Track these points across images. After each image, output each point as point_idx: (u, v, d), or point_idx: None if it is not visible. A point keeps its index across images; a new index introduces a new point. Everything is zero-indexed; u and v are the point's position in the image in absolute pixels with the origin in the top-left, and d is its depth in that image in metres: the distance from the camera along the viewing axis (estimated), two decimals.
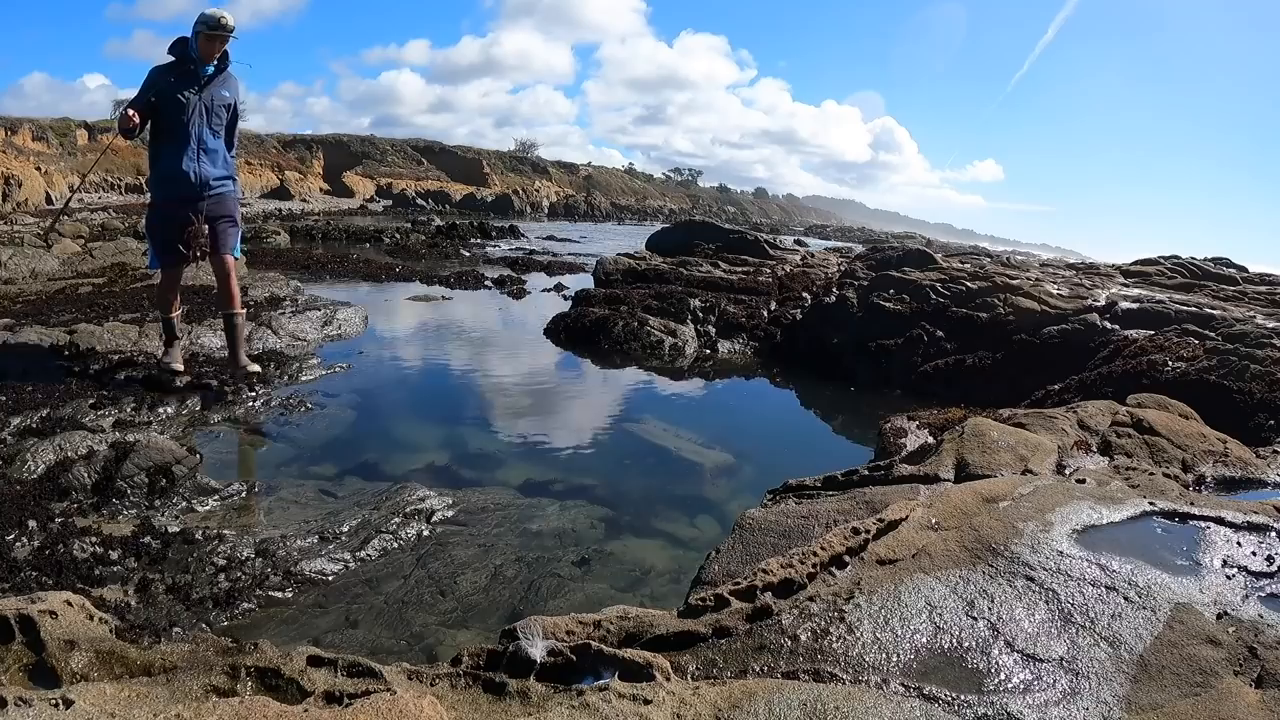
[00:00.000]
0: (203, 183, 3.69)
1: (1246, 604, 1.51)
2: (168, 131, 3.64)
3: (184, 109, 3.60)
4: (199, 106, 3.65)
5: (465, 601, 2.13)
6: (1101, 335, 4.90)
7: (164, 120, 3.63)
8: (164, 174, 3.69)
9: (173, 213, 3.69)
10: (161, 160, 3.68)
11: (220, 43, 3.65)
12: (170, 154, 3.65)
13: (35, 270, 6.78)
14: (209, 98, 3.67)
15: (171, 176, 3.66)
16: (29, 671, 1.16)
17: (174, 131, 3.62)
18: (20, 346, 3.89)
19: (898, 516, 1.79)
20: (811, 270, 8.38)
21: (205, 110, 3.67)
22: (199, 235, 3.73)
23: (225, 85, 3.75)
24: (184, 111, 3.60)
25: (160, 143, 3.68)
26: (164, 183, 3.71)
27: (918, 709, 1.19)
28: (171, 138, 3.64)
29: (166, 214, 3.72)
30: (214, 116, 3.70)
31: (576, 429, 3.89)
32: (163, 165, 3.68)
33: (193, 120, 3.63)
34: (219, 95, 3.71)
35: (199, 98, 3.64)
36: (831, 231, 41.39)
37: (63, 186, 21.93)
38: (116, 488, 2.51)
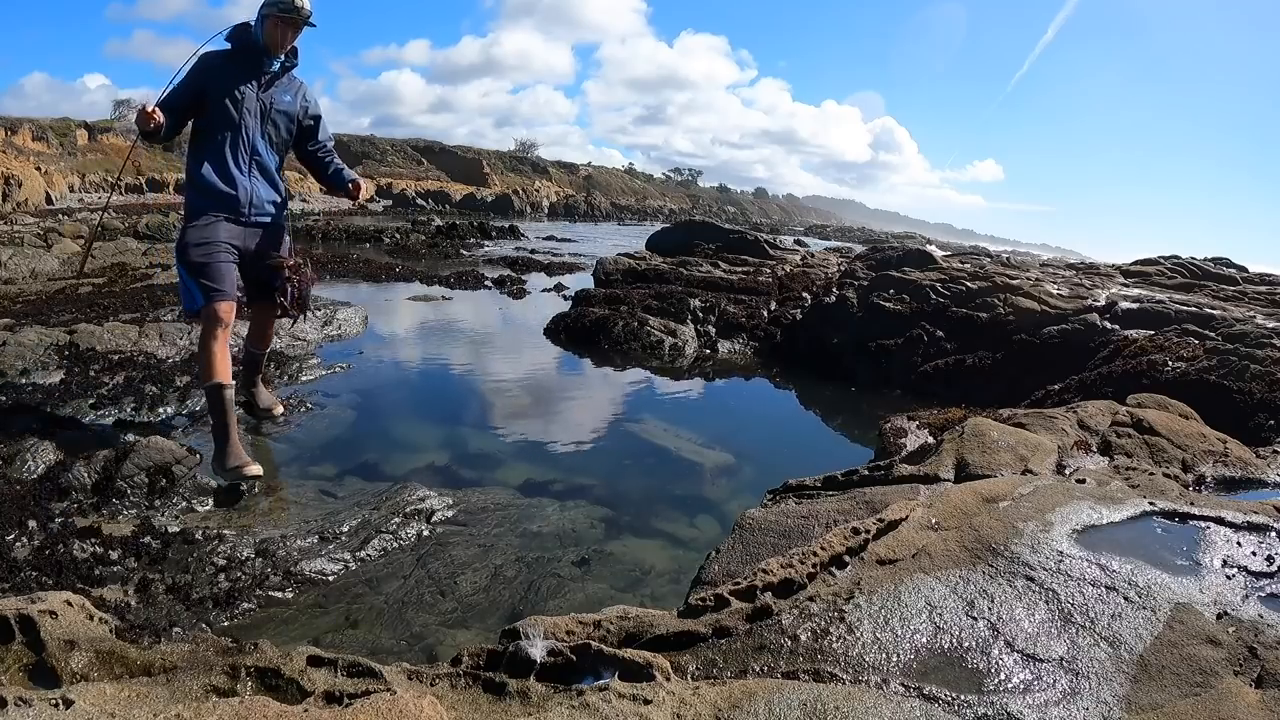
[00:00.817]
0: (252, 205, 3.00)
1: (1246, 604, 1.51)
2: (215, 134, 2.95)
3: (239, 106, 2.94)
4: (256, 107, 2.99)
5: (465, 601, 2.13)
6: (1101, 335, 4.90)
7: (212, 119, 2.94)
8: (206, 186, 2.95)
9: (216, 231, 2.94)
10: (205, 169, 2.95)
11: (293, 31, 2.99)
12: (216, 162, 2.95)
13: (35, 270, 6.79)
14: (268, 100, 3.01)
15: (213, 189, 2.93)
16: (29, 671, 1.16)
17: (223, 134, 2.94)
18: (20, 346, 3.89)
19: (898, 516, 1.79)
20: (811, 270, 8.38)
21: (261, 113, 3.00)
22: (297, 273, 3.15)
23: (289, 90, 3.09)
24: (238, 109, 2.94)
25: (204, 148, 2.97)
26: (205, 195, 2.96)
27: (918, 709, 1.19)
28: (218, 142, 2.95)
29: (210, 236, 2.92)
30: (269, 123, 3.03)
31: (576, 429, 3.89)
32: (205, 175, 2.94)
33: (246, 122, 2.96)
34: (280, 100, 3.05)
35: (258, 96, 2.98)
36: (831, 231, 41.40)
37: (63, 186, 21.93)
38: (116, 488, 2.51)
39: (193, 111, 2.95)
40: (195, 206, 2.99)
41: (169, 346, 4.35)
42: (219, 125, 2.94)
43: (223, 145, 2.95)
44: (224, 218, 2.96)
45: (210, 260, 2.90)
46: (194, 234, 2.94)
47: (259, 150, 3.02)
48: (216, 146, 2.95)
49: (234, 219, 2.98)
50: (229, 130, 2.95)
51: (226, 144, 2.96)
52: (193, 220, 2.98)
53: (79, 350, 4.00)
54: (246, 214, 3.00)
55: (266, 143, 3.05)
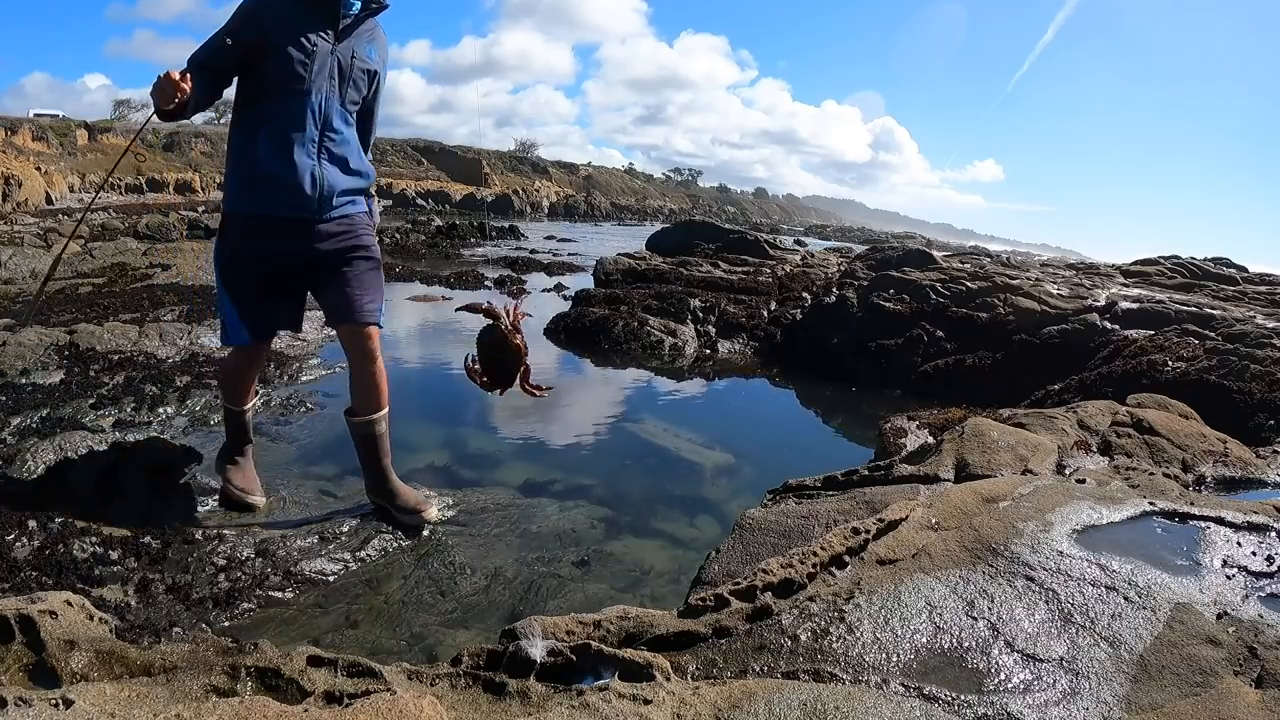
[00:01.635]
0: (324, 196, 2.25)
1: (1246, 604, 1.51)
2: (273, 101, 2.19)
3: (307, 63, 2.16)
4: (331, 64, 2.21)
5: (465, 601, 2.13)
6: (1101, 335, 4.90)
7: (269, 80, 2.18)
8: (257, 173, 2.21)
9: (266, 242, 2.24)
10: (257, 150, 2.20)
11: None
12: (274, 140, 2.19)
13: (35, 270, 6.79)
14: (347, 52, 2.24)
15: (270, 179, 2.20)
16: (29, 671, 1.16)
17: (284, 102, 2.18)
18: (20, 346, 3.89)
19: (898, 516, 1.79)
20: (811, 270, 8.38)
21: (339, 72, 2.23)
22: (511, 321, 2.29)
23: (372, 40, 2.33)
24: (308, 67, 2.17)
25: (256, 120, 2.22)
26: (255, 186, 2.23)
27: (918, 709, 1.19)
28: (278, 113, 2.19)
29: (255, 245, 2.25)
30: (350, 85, 2.27)
31: (576, 429, 3.89)
32: (258, 158, 2.20)
33: (319, 85, 2.19)
34: (362, 53, 2.28)
35: (333, 49, 2.21)
36: (831, 231, 41.41)
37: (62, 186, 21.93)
38: (116, 488, 2.51)
39: (239, 71, 2.19)
40: (239, 204, 2.27)
41: (169, 346, 4.35)
42: (279, 89, 2.18)
43: (284, 117, 2.19)
44: (280, 219, 2.24)
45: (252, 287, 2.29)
46: (229, 249, 2.30)
47: (334, 124, 2.25)
48: (275, 119, 2.19)
49: (297, 219, 2.25)
50: (294, 96, 2.18)
51: (290, 116, 2.19)
52: (232, 225, 2.30)
53: (79, 350, 4.00)
54: (316, 210, 2.25)
55: (343, 112, 2.28)
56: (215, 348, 4.53)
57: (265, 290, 2.34)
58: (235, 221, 2.31)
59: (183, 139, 30.37)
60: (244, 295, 2.32)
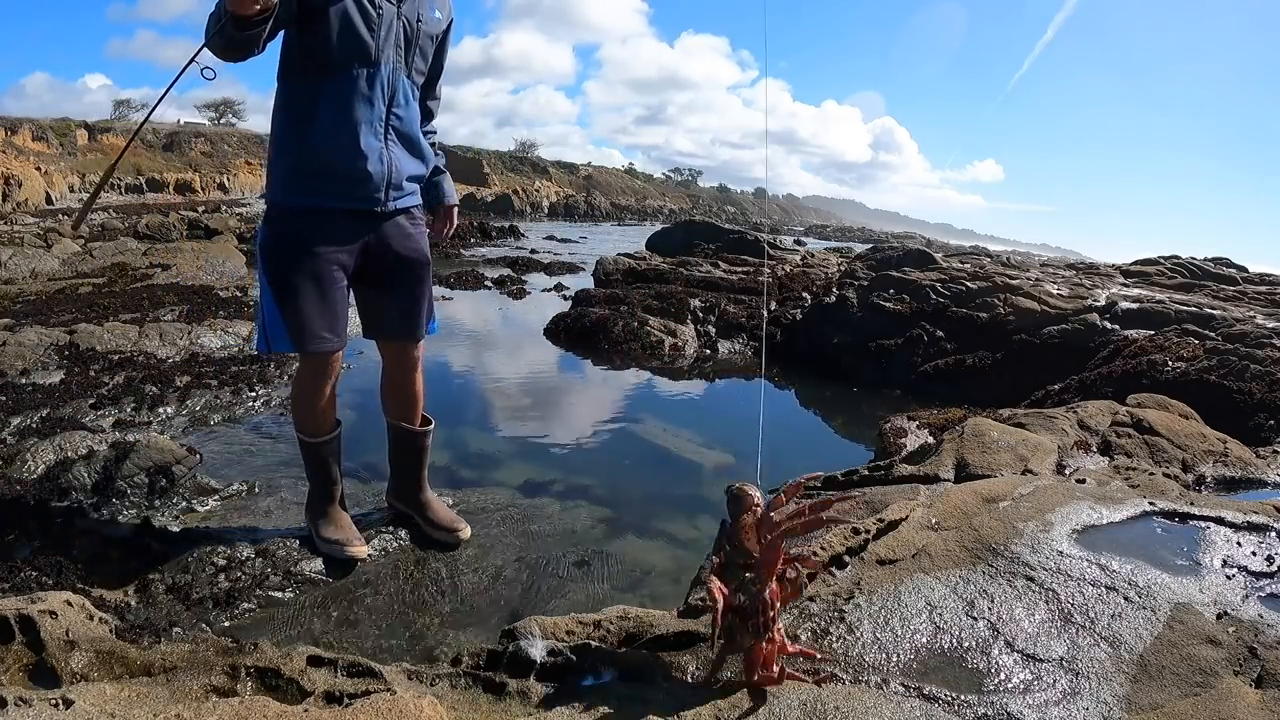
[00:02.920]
0: (390, 183, 1.98)
1: (1246, 604, 1.51)
2: (331, 71, 1.86)
3: (371, 27, 1.86)
4: (397, 29, 1.92)
5: (465, 601, 2.13)
6: (1101, 335, 4.90)
7: (326, 45, 1.83)
8: (312, 160, 1.90)
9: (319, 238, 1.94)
10: (314, 133, 1.88)
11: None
12: (335, 121, 1.88)
13: (35, 270, 6.79)
14: (412, 14, 1.94)
15: (329, 167, 1.90)
16: (29, 671, 1.16)
17: (344, 73, 1.86)
18: (20, 346, 3.89)
19: (898, 516, 1.79)
20: (811, 270, 8.38)
21: (405, 37, 1.94)
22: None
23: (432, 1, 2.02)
24: (374, 33, 1.87)
25: (310, 95, 1.88)
26: (308, 176, 1.92)
27: (918, 709, 1.19)
28: (339, 88, 1.87)
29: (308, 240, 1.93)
30: (416, 53, 1.98)
31: (576, 429, 3.89)
32: (315, 144, 1.88)
33: (385, 53, 1.89)
34: (427, 14, 1.99)
35: (398, 11, 1.91)
36: (831, 231, 41.41)
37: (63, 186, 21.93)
38: (116, 488, 2.51)
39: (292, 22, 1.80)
40: (288, 195, 1.95)
41: (169, 346, 4.35)
42: (341, 59, 1.85)
43: (348, 93, 1.87)
44: (345, 210, 1.95)
45: (317, 286, 1.94)
46: (287, 236, 1.94)
47: (399, 99, 1.95)
48: (335, 94, 1.87)
49: (360, 210, 1.97)
50: (358, 67, 1.87)
51: (354, 91, 1.88)
52: (285, 212, 1.96)
53: (79, 350, 4.00)
54: (383, 200, 1.98)
55: (410, 84, 1.99)
56: (215, 348, 4.53)
57: (322, 293, 1.96)
58: (283, 214, 1.97)
59: (183, 139, 30.35)
60: (294, 297, 1.93)
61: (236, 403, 3.65)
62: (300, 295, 1.94)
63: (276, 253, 1.96)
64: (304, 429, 2.16)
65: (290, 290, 1.93)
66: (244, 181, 29.53)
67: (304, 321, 1.95)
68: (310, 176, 1.92)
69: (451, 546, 2.33)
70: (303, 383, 2.10)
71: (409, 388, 2.24)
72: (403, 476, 2.39)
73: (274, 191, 1.99)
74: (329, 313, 1.98)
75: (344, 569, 2.17)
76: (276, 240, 1.97)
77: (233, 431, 3.38)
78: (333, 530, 2.17)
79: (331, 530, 2.17)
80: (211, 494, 2.60)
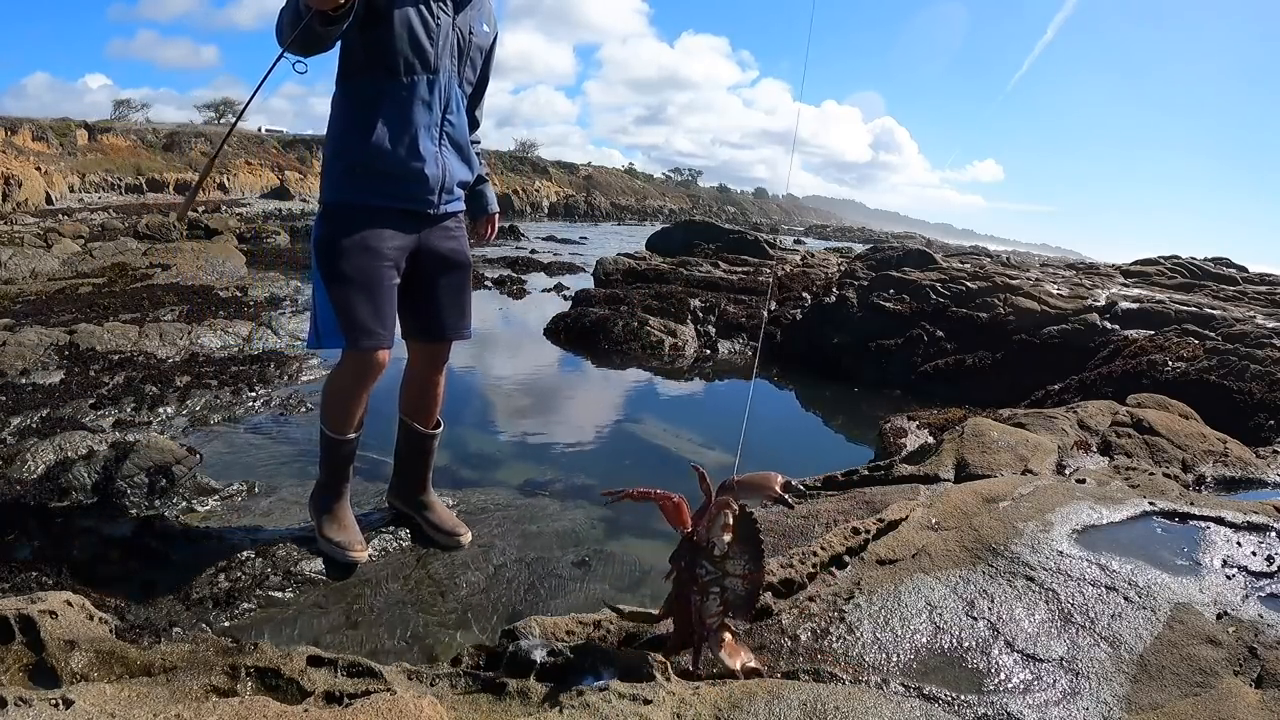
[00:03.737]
0: (443, 186, 2.03)
1: (1246, 604, 1.51)
2: (391, 76, 1.91)
3: (431, 35, 1.92)
4: (453, 39, 1.97)
5: (465, 601, 2.12)
6: (1101, 335, 4.90)
7: (386, 54, 1.90)
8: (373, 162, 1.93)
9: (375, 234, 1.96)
10: (375, 134, 1.91)
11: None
12: (396, 124, 1.92)
13: (35, 270, 6.79)
14: (465, 25, 2.00)
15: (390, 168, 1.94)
16: (29, 671, 1.16)
17: (403, 78, 1.92)
18: (20, 346, 3.89)
19: (898, 516, 1.79)
20: (811, 270, 8.39)
21: (459, 48, 1.99)
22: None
23: (481, 11, 2.07)
24: (433, 42, 1.93)
25: (369, 98, 1.92)
26: (369, 176, 1.94)
27: (918, 709, 1.19)
28: (398, 92, 1.92)
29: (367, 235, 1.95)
30: (467, 64, 2.04)
31: (577, 429, 3.89)
32: (375, 146, 1.91)
33: (443, 60, 1.96)
34: (478, 28, 2.05)
35: (453, 21, 1.97)
36: (831, 231, 41.41)
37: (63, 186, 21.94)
38: (116, 488, 2.51)
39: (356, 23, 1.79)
40: (345, 193, 1.97)
41: (169, 346, 4.35)
42: (401, 62, 1.90)
43: (408, 98, 1.93)
44: (399, 210, 1.99)
45: (371, 282, 1.95)
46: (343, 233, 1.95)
47: (453, 106, 2.01)
48: (395, 98, 1.92)
49: (415, 213, 2.02)
50: (418, 74, 1.93)
51: (414, 96, 1.93)
52: (342, 209, 1.97)
53: (79, 350, 4.00)
54: (436, 204, 2.03)
55: (461, 94, 2.05)
56: (215, 348, 4.53)
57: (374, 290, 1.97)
58: (339, 212, 1.98)
59: (183, 139, 30.37)
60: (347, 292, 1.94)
61: (236, 403, 3.65)
62: (353, 291, 1.94)
63: (332, 249, 1.96)
64: (332, 425, 2.12)
65: (344, 286, 1.94)
66: (244, 181, 29.54)
67: (356, 317, 1.95)
68: (368, 176, 1.95)
69: (448, 549, 2.33)
70: (343, 378, 2.08)
71: (435, 389, 2.29)
72: (406, 476, 2.38)
73: (330, 190, 2.00)
74: (380, 310, 1.99)
75: (344, 570, 2.17)
76: (332, 237, 1.97)
77: (233, 431, 3.38)
78: (336, 530, 2.16)
79: (335, 530, 2.16)
80: (211, 494, 2.60)
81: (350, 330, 1.95)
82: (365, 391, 2.08)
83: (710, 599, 1.26)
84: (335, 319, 1.95)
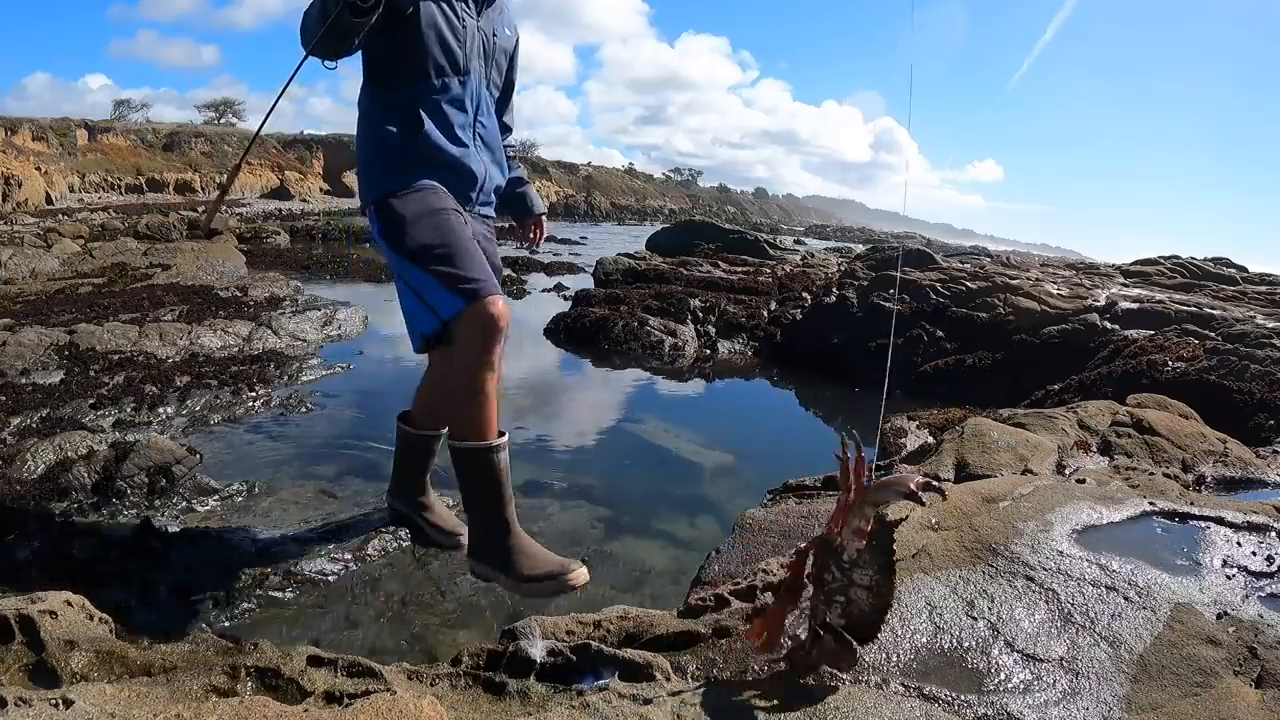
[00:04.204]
0: (483, 190, 2.02)
1: (1246, 604, 1.51)
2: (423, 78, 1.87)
3: (459, 37, 1.89)
4: (480, 42, 1.96)
5: (465, 601, 2.13)
6: (1101, 335, 4.90)
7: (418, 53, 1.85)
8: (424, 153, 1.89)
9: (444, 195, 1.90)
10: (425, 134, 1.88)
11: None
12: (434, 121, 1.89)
13: (35, 270, 6.79)
14: (489, 28, 1.99)
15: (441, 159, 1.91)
16: (29, 671, 1.16)
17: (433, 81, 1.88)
18: (20, 346, 3.89)
19: (897, 516, 1.79)
20: (811, 270, 8.39)
21: (483, 51, 1.97)
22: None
23: (501, 14, 2.06)
24: (462, 45, 1.90)
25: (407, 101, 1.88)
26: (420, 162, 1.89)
27: (918, 709, 1.19)
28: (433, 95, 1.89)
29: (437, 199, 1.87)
30: (493, 67, 2.02)
31: (576, 429, 3.89)
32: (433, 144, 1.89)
33: (472, 62, 1.93)
34: (501, 31, 2.04)
35: (479, 25, 1.96)
36: (831, 231, 41.37)
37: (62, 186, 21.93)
38: (116, 488, 2.51)
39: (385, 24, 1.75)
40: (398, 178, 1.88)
41: (169, 346, 4.35)
42: (431, 64, 1.86)
43: (437, 99, 1.89)
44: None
45: (457, 239, 1.82)
46: (417, 202, 1.85)
47: (484, 108, 1.99)
48: (427, 99, 1.88)
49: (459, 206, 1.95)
50: (446, 75, 1.89)
51: (445, 96, 1.90)
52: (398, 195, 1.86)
53: (79, 350, 4.00)
54: (473, 201, 2.00)
55: (490, 98, 2.03)
56: (215, 348, 4.53)
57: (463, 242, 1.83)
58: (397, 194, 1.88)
59: (183, 139, 30.34)
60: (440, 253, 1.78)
61: (236, 403, 3.65)
62: (444, 252, 1.80)
63: (401, 227, 1.84)
64: (478, 427, 1.79)
65: (430, 252, 1.80)
66: (244, 181, 29.52)
67: (460, 271, 1.78)
68: (415, 164, 1.89)
69: (447, 548, 2.31)
70: (467, 357, 1.77)
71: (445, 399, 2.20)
72: (408, 477, 2.36)
73: (374, 187, 1.91)
74: (477, 259, 1.83)
75: (343, 570, 2.17)
76: (396, 219, 1.85)
77: (233, 431, 3.38)
78: (533, 562, 1.82)
79: (532, 563, 1.82)
80: (211, 494, 2.60)
81: (460, 284, 1.76)
82: (499, 360, 1.82)
83: (833, 607, 1.19)
84: (441, 286, 1.78)
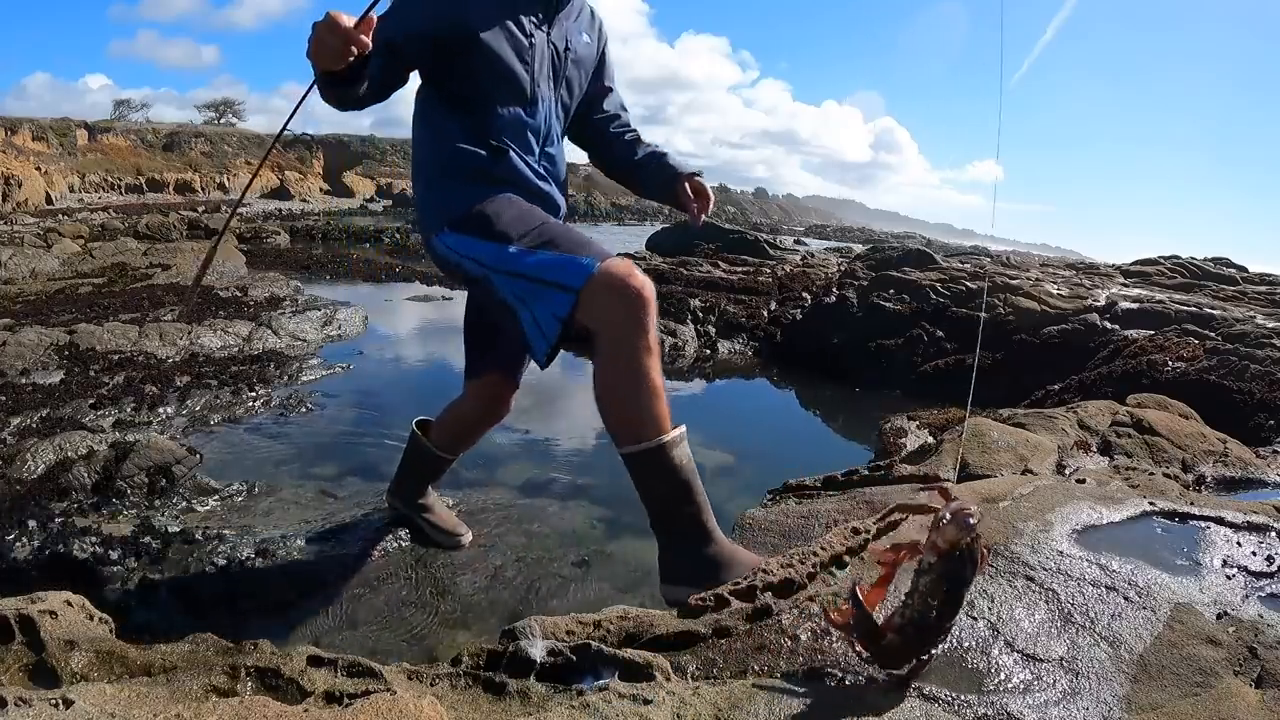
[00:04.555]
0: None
1: (1246, 604, 1.51)
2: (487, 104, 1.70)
3: (525, 59, 1.70)
4: (547, 60, 1.75)
5: (465, 601, 2.13)
6: (1101, 335, 4.90)
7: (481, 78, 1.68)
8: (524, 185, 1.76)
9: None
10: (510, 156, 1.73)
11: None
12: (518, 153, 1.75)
13: (35, 270, 6.79)
14: (560, 39, 1.77)
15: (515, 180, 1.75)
16: (29, 671, 1.16)
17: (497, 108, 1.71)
18: (20, 346, 3.89)
19: (898, 516, 1.79)
20: (811, 270, 8.39)
21: (553, 69, 1.77)
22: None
23: (583, 22, 1.85)
24: (529, 64, 1.70)
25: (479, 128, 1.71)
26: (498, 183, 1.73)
27: (918, 709, 1.19)
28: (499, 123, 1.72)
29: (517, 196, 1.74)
30: (564, 84, 1.81)
31: (577, 429, 3.89)
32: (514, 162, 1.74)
33: (540, 88, 1.74)
34: (575, 39, 1.81)
35: (548, 38, 1.74)
36: (831, 231, 41.35)
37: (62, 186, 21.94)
38: (116, 488, 2.51)
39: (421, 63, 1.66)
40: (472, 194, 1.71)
41: (169, 346, 4.35)
42: (492, 91, 1.69)
43: (510, 130, 1.72)
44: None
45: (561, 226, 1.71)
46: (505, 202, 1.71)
47: (553, 138, 1.82)
48: (498, 130, 1.72)
49: None
50: (512, 106, 1.72)
51: (510, 131, 1.72)
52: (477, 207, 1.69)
53: (79, 350, 4.00)
54: None
55: (560, 122, 1.85)
56: (215, 348, 4.53)
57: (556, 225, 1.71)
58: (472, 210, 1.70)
59: (183, 139, 30.34)
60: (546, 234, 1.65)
61: (236, 403, 3.65)
62: (555, 229, 1.65)
63: (498, 218, 1.67)
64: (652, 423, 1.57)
65: (538, 230, 1.65)
66: (244, 182, 29.53)
67: (582, 242, 1.63)
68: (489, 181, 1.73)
69: (457, 548, 2.33)
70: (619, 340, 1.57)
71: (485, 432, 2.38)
72: (410, 479, 2.37)
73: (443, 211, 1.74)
74: (577, 234, 1.68)
75: (342, 569, 2.17)
76: (491, 212, 1.69)
77: (233, 431, 3.38)
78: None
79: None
80: (211, 494, 2.60)
81: (584, 252, 1.59)
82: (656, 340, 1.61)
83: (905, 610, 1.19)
84: (562, 259, 1.59)
